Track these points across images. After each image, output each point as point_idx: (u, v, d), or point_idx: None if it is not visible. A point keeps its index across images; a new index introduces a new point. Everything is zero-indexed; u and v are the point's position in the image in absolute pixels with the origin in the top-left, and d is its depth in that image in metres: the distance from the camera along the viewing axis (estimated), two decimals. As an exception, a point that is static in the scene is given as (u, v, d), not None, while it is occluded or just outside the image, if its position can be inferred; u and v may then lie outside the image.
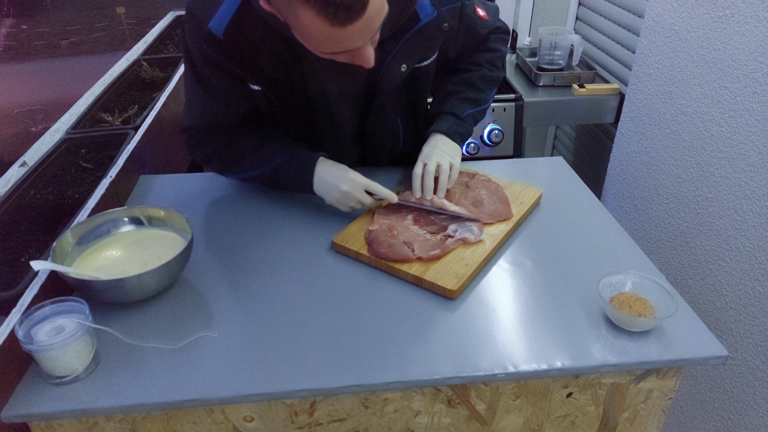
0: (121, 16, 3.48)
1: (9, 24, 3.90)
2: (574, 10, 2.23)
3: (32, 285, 0.83)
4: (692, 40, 1.31)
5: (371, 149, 1.17)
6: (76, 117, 1.38)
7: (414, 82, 1.10)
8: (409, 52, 1.02)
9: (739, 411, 1.24)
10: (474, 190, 1.11)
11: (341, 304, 0.88)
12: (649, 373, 0.82)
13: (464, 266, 0.92)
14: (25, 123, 1.57)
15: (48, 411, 0.71)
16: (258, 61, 0.94)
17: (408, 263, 0.93)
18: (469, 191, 1.11)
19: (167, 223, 0.96)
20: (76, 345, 0.72)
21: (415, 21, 0.98)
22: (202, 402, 0.73)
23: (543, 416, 0.85)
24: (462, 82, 1.15)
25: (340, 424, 0.81)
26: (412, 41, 1.00)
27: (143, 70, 1.68)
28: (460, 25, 1.08)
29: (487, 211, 1.05)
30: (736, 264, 1.21)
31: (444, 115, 1.12)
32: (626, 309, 0.82)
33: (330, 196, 1.02)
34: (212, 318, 0.85)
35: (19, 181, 1.12)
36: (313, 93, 1.01)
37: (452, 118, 1.11)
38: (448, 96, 1.15)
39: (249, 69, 0.96)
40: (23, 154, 1.20)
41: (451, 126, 1.10)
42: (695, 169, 1.33)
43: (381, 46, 0.97)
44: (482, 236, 0.99)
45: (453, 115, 1.12)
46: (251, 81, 0.99)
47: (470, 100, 1.14)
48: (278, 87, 0.99)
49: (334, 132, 1.09)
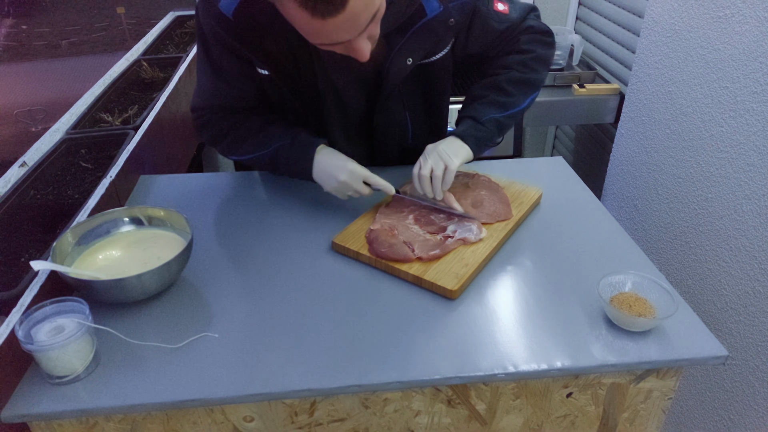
0: (121, 16, 3.47)
1: (9, 24, 3.90)
2: (574, 10, 2.23)
3: (32, 285, 0.83)
4: (692, 40, 1.31)
5: (380, 142, 1.17)
6: (76, 117, 1.38)
7: (424, 78, 1.10)
8: (415, 46, 1.02)
9: (739, 411, 1.24)
10: (474, 190, 1.11)
11: (341, 304, 0.88)
12: (649, 373, 0.82)
13: (464, 266, 0.92)
14: (24, 123, 1.57)
15: (48, 411, 0.71)
16: (266, 44, 0.96)
17: (408, 263, 0.93)
18: (469, 191, 1.11)
19: (167, 223, 0.96)
20: (76, 345, 0.72)
21: (421, 15, 0.99)
22: (202, 402, 0.73)
23: (543, 416, 0.85)
24: (488, 85, 1.13)
25: (340, 424, 0.81)
26: (418, 35, 1.01)
27: (143, 70, 1.68)
28: (474, 21, 1.08)
29: (487, 211, 1.05)
30: (736, 264, 1.21)
31: (464, 119, 1.11)
32: (626, 309, 0.82)
33: (327, 184, 1.03)
34: (212, 318, 0.85)
35: (19, 181, 1.12)
36: (321, 81, 1.02)
37: (470, 122, 1.09)
38: (472, 100, 1.13)
39: (257, 52, 0.97)
40: (23, 154, 1.20)
41: (466, 129, 1.08)
42: (695, 169, 1.33)
43: (387, 39, 0.98)
44: (482, 236, 0.99)
45: (472, 119, 1.09)
46: (260, 65, 1.00)
47: (495, 103, 1.10)
48: (286, 72, 1.00)
49: (342, 123, 1.10)
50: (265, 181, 1.22)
